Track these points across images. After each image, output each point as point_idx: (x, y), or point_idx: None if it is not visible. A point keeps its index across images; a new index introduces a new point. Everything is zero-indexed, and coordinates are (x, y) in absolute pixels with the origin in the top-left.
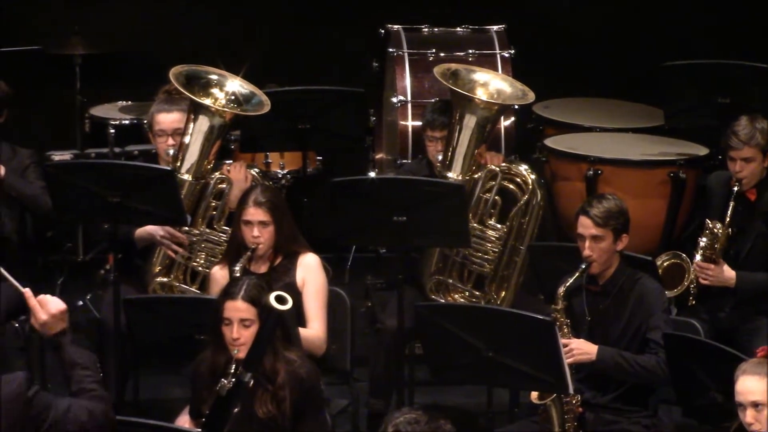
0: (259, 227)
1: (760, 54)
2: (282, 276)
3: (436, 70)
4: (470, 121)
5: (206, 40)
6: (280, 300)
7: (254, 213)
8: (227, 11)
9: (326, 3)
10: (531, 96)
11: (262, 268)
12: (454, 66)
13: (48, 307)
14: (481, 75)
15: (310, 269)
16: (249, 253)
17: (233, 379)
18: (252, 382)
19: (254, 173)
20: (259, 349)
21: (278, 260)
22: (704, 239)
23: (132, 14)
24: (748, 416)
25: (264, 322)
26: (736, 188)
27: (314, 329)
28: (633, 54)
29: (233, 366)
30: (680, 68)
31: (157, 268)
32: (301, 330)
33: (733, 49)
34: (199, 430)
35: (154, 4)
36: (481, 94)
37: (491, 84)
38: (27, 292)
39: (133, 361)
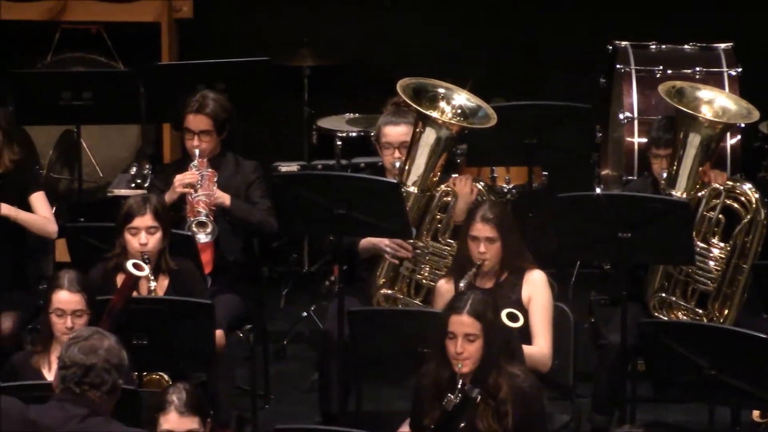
0: (485, 243)
1: None
2: (508, 292)
3: (661, 88)
4: (694, 140)
5: (434, 53)
6: (512, 317)
7: (481, 229)
8: (456, 25)
9: (555, 19)
10: (756, 115)
11: (488, 284)
12: (679, 84)
13: None
14: (705, 93)
15: (536, 286)
16: (474, 270)
17: (460, 395)
18: (479, 398)
19: (480, 187)
20: (487, 366)
21: (504, 276)
22: None
23: (361, 26)
24: None
25: (493, 339)
26: None
27: (540, 346)
28: None
29: (460, 381)
30: None
31: (382, 280)
32: (527, 347)
33: None
34: None
35: (383, 17)
36: (705, 112)
37: (716, 102)
38: None
39: (355, 373)
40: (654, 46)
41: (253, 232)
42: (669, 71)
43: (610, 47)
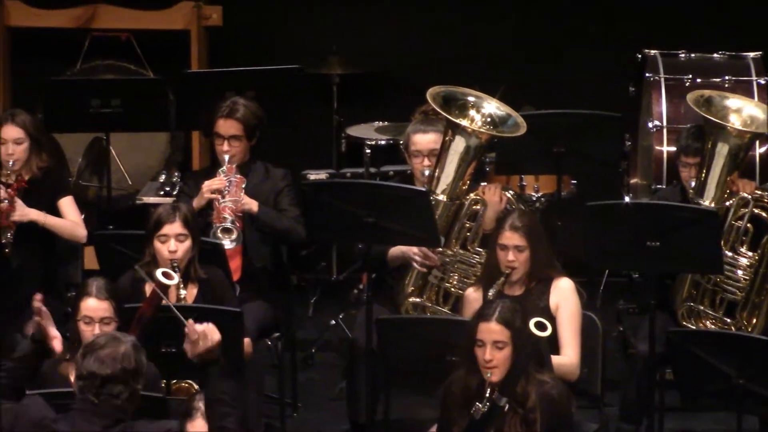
0: (514, 252)
1: None
2: (536, 300)
3: (690, 97)
4: (723, 149)
5: (463, 61)
6: (540, 326)
7: (510, 237)
8: (484, 34)
9: (584, 28)
10: None
11: (517, 292)
12: (707, 92)
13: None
14: (734, 101)
15: (564, 294)
16: (503, 278)
17: (488, 403)
18: (507, 407)
19: (509, 195)
20: (516, 374)
21: (532, 284)
22: None
23: (390, 34)
24: None
25: (521, 347)
26: None
27: (567, 356)
28: None
29: (488, 389)
30: None
31: (410, 289)
32: (555, 357)
33: None
34: None
35: (412, 25)
36: (734, 121)
37: (744, 111)
38: (189, 322)
39: (383, 381)
40: (683, 55)
41: (282, 240)
42: (698, 80)
43: (640, 55)
